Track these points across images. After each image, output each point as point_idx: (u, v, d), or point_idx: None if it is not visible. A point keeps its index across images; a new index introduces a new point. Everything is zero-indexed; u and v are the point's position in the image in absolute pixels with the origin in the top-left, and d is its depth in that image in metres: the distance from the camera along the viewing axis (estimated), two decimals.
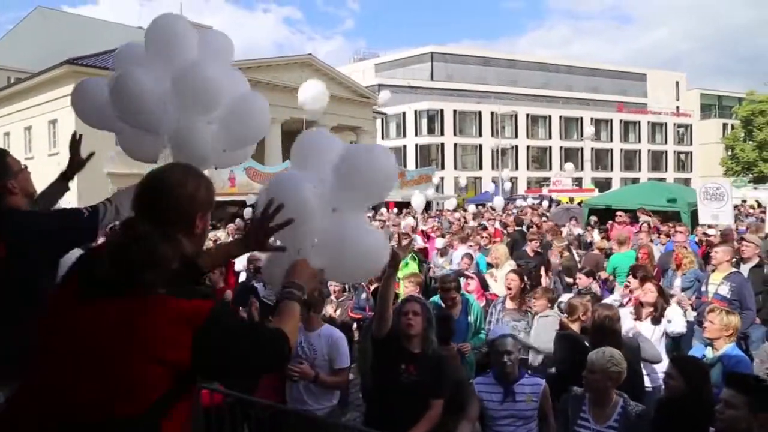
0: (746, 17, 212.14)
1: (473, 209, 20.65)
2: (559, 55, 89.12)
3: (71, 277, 1.58)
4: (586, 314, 4.47)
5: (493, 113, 48.13)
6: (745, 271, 6.10)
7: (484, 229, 12.13)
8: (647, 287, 4.89)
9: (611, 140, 57.77)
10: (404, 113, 51.24)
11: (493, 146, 46.29)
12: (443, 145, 51.07)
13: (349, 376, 4.05)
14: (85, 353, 1.41)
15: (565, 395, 3.37)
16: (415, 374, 3.21)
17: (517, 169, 51.81)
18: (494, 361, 3.60)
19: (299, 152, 2.28)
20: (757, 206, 24.32)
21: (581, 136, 51.92)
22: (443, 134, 51.30)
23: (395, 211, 20.86)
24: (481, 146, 51.88)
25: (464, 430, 3.35)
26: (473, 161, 52.31)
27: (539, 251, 8.89)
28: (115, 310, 1.43)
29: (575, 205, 18.90)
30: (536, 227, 12.25)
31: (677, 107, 64.49)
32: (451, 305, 4.97)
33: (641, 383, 4.10)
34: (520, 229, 12.35)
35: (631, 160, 59.21)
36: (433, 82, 56.49)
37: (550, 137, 55.83)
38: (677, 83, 67.59)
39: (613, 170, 57.57)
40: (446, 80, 56.77)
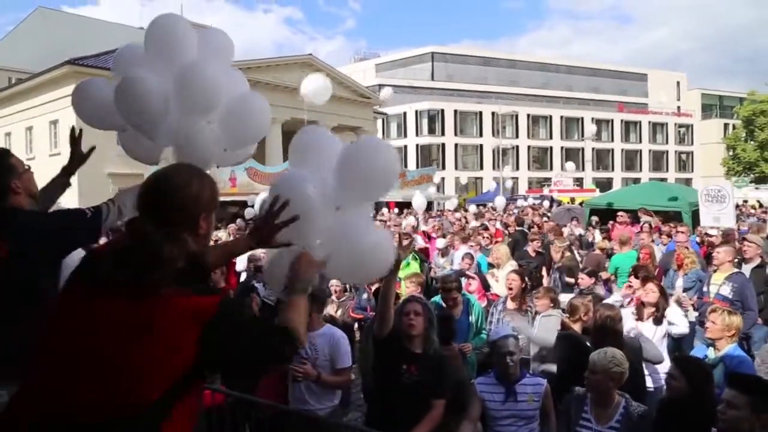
0: (746, 17, 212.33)
1: (474, 209, 20.63)
2: (559, 55, 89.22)
3: (75, 278, 1.58)
4: (587, 314, 4.46)
5: (493, 113, 48.09)
6: (746, 271, 6.09)
7: (485, 229, 12.12)
8: (649, 287, 4.88)
9: (612, 140, 57.71)
10: (405, 113, 51.23)
11: (493, 146, 46.27)
12: (444, 145, 51.06)
13: (351, 375, 4.05)
14: (85, 353, 1.40)
15: (567, 395, 3.36)
16: (416, 374, 3.20)
17: (518, 169, 51.76)
18: (496, 361, 3.60)
19: (297, 150, 2.29)
20: (758, 206, 24.32)
21: (582, 136, 51.89)
22: (444, 134, 51.28)
23: (396, 211, 20.85)
24: (481, 146, 51.87)
25: (466, 430, 3.35)
26: (474, 161, 52.30)
27: (540, 251, 8.90)
28: (117, 309, 1.42)
29: (576, 205, 18.88)
30: (537, 227, 12.24)
31: (678, 107, 64.42)
32: (452, 305, 4.96)
33: (643, 383, 4.08)
34: (521, 229, 12.33)
35: (632, 160, 59.16)
36: (433, 82, 56.46)
37: (551, 137, 55.79)
38: (678, 83, 67.53)
39: (614, 170, 57.51)
40: (447, 80, 56.75)
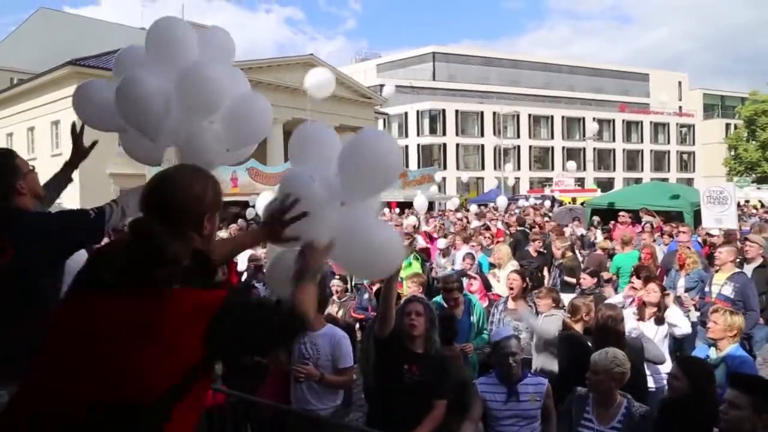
0: (746, 17, 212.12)
1: (475, 209, 20.62)
2: (560, 55, 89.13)
3: (79, 278, 1.58)
4: (589, 314, 4.46)
5: (495, 113, 48.04)
6: (748, 271, 6.08)
7: (486, 229, 12.12)
8: (650, 287, 4.87)
9: (614, 140, 57.64)
10: (406, 113, 51.22)
11: (495, 146, 46.22)
12: (445, 145, 51.04)
13: (353, 375, 4.05)
14: (85, 353, 1.41)
15: (568, 396, 3.36)
16: (417, 374, 3.20)
17: (519, 169, 51.70)
18: (499, 362, 3.59)
19: (297, 147, 2.30)
20: (760, 206, 24.28)
21: (584, 136, 51.84)
22: (445, 134, 51.26)
23: (397, 211, 20.85)
24: (483, 146, 51.84)
25: (467, 430, 3.34)
26: (475, 161, 52.27)
27: (542, 251, 8.90)
28: (119, 309, 1.43)
29: (578, 205, 18.87)
30: (539, 227, 12.24)
31: (680, 107, 64.31)
32: (453, 305, 4.96)
33: (644, 384, 4.08)
34: (522, 229, 12.33)
35: (633, 160, 59.09)
36: (435, 82, 56.44)
37: (552, 137, 55.74)
38: (680, 83, 67.43)
39: (615, 170, 57.44)
40: (448, 80, 56.72)
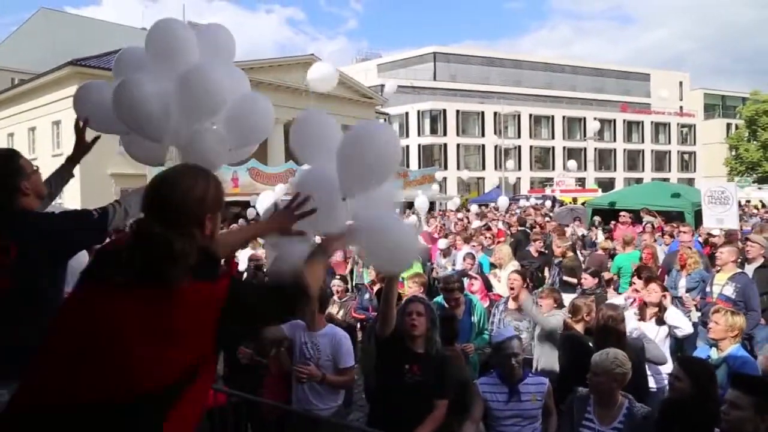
0: (746, 17, 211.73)
1: (476, 209, 20.61)
2: (561, 55, 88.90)
3: (83, 278, 1.58)
4: (590, 315, 4.45)
5: (496, 113, 48.01)
6: (749, 271, 6.07)
7: (487, 229, 12.12)
8: (651, 287, 4.87)
9: (614, 140, 57.57)
10: (407, 113, 51.18)
11: (496, 145, 46.16)
12: (446, 145, 51.00)
13: (354, 375, 4.04)
14: (87, 351, 1.41)
15: (570, 396, 3.35)
16: (418, 374, 3.20)
17: (520, 169, 51.64)
18: (501, 363, 3.58)
19: (299, 141, 2.38)
20: (761, 206, 24.26)
21: (584, 136, 51.78)
22: (446, 134, 51.21)
23: (397, 211, 20.82)
24: (484, 146, 51.80)
25: (468, 430, 3.34)
26: (476, 161, 52.23)
27: (543, 251, 8.89)
28: (124, 307, 1.43)
29: (579, 205, 18.85)
30: (540, 227, 12.23)
31: (681, 107, 64.21)
32: (454, 306, 4.95)
33: (645, 384, 4.07)
34: (523, 229, 12.33)
35: (634, 160, 59.02)
36: (435, 82, 56.36)
37: (553, 137, 55.68)
38: (681, 83, 67.32)
39: (616, 170, 57.36)
40: (449, 80, 56.64)
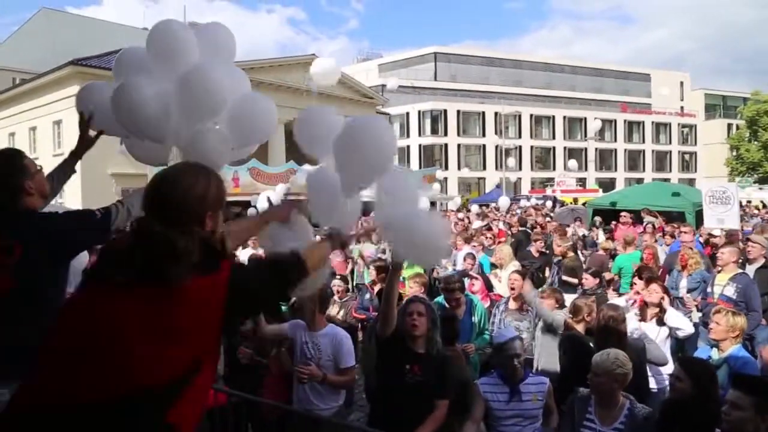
0: (746, 17, 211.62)
1: (476, 209, 20.60)
2: (561, 55, 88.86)
3: (85, 278, 1.59)
4: (590, 315, 4.45)
5: (496, 113, 47.99)
6: (750, 272, 6.06)
7: (488, 229, 12.11)
8: (652, 288, 4.86)
9: (615, 140, 57.53)
10: (408, 113, 51.16)
11: (496, 146, 46.12)
12: (447, 145, 50.98)
13: (355, 375, 4.04)
14: (88, 351, 1.41)
15: (570, 396, 3.35)
16: (419, 374, 3.20)
17: (520, 169, 51.61)
18: (503, 364, 3.58)
19: (305, 139, 2.55)
20: (762, 207, 24.24)
21: (585, 136, 51.74)
22: (447, 134, 51.18)
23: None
24: (484, 146, 51.77)
25: (469, 430, 3.34)
26: (477, 161, 52.21)
27: (544, 252, 8.88)
28: (127, 306, 1.43)
29: (579, 205, 18.85)
30: (540, 227, 12.23)
31: (681, 107, 64.16)
32: (455, 306, 4.95)
33: (646, 385, 4.07)
34: (524, 229, 12.32)
35: (635, 160, 58.98)
36: (436, 82, 56.33)
37: (553, 137, 55.65)
38: (681, 83, 67.26)
39: (617, 170, 57.32)
40: (450, 80, 56.60)
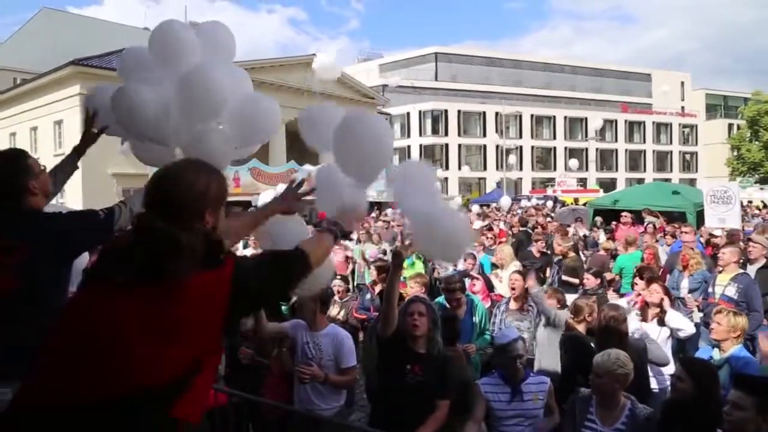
0: (746, 17, 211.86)
1: (477, 209, 20.59)
2: (562, 55, 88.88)
3: (85, 277, 1.59)
4: (591, 315, 4.44)
5: (497, 113, 47.99)
6: (752, 272, 6.04)
7: (489, 229, 12.10)
8: (653, 288, 4.85)
9: (616, 140, 57.50)
10: (408, 114, 51.17)
11: (497, 145, 46.09)
12: (447, 145, 50.97)
13: (356, 375, 4.04)
14: (84, 352, 1.41)
15: (572, 396, 3.35)
16: (420, 375, 3.20)
17: (521, 169, 51.61)
18: (505, 364, 3.58)
19: (312, 139, 2.58)
20: (762, 207, 24.20)
21: (586, 136, 51.73)
22: (447, 135, 51.18)
23: (399, 210, 20.80)
24: (485, 147, 51.76)
25: (470, 430, 3.34)
26: (477, 162, 52.19)
27: (545, 252, 8.88)
28: (128, 306, 1.43)
29: (580, 206, 18.84)
30: (541, 228, 12.22)
31: (682, 107, 64.11)
32: (456, 306, 4.95)
33: (647, 385, 4.06)
34: (525, 229, 12.31)
35: (636, 160, 58.94)
36: (437, 82, 56.30)
37: (554, 138, 55.64)
38: (682, 83, 67.20)
39: (617, 171, 57.28)
40: (450, 81, 56.58)
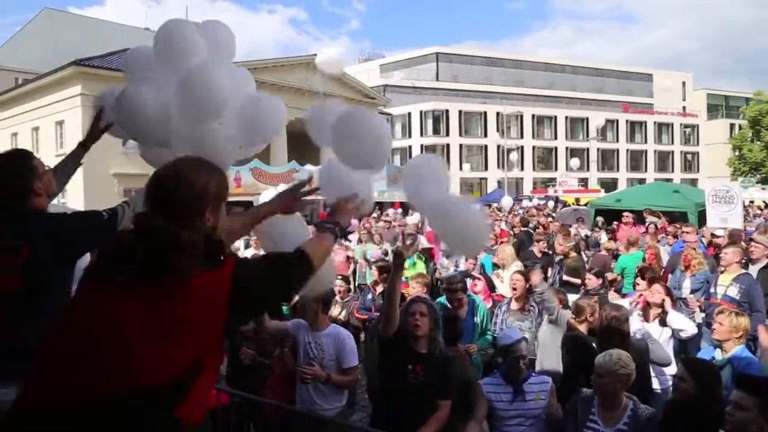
0: (747, 17, 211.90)
1: None
2: (563, 55, 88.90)
3: (84, 278, 1.58)
4: (593, 315, 4.44)
5: (498, 114, 47.97)
6: (753, 272, 6.04)
7: None
8: (655, 288, 4.85)
9: (617, 140, 57.45)
10: (410, 114, 51.17)
11: (499, 146, 46.07)
12: (449, 145, 50.95)
13: (358, 375, 4.04)
14: (84, 352, 1.41)
15: (573, 396, 3.34)
16: (422, 375, 3.19)
17: (522, 169, 51.59)
18: (509, 365, 3.58)
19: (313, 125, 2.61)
20: (764, 207, 24.17)
21: (587, 136, 51.69)
22: (448, 135, 51.17)
23: (400, 211, 20.80)
24: (486, 147, 51.74)
25: (472, 430, 3.33)
26: (479, 162, 52.18)
27: (546, 252, 8.87)
28: (128, 305, 1.43)
29: (582, 206, 18.83)
30: (543, 228, 12.21)
31: (684, 107, 64.05)
32: (457, 306, 4.94)
33: (649, 385, 4.05)
34: (526, 229, 12.31)
35: (637, 160, 58.88)
36: (438, 82, 56.31)
37: (555, 138, 55.61)
38: (684, 83, 67.15)
39: (619, 171, 57.23)
40: (451, 81, 56.58)
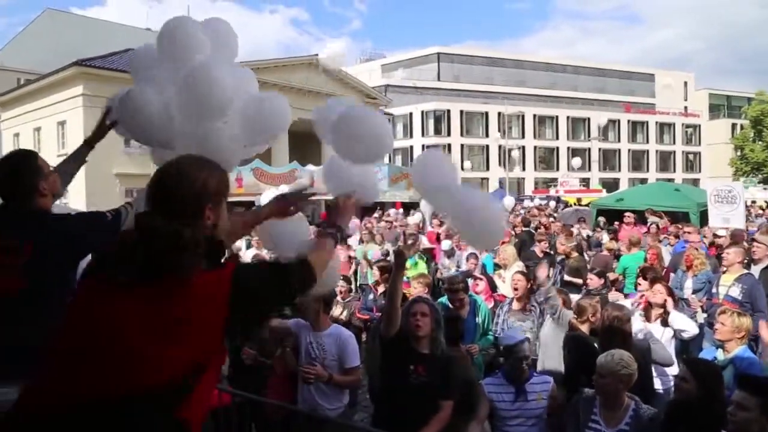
0: (750, 17, 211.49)
1: None
2: (565, 55, 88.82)
3: (84, 278, 1.58)
4: (595, 315, 4.43)
5: (500, 114, 47.95)
6: (756, 272, 6.03)
7: None
8: (656, 288, 4.84)
9: (619, 141, 57.39)
10: (411, 114, 51.17)
11: (500, 146, 46.06)
12: (450, 145, 50.88)
13: (360, 375, 4.03)
14: (85, 352, 1.41)
15: (575, 396, 3.34)
16: (423, 375, 3.19)
17: (524, 169, 51.57)
18: (511, 365, 3.58)
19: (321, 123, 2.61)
20: (766, 207, 24.15)
21: (589, 136, 51.65)
22: (450, 135, 51.17)
23: (401, 211, 20.80)
24: (487, 147, 51.72)
25: (474, 430, 3.33)
26: (480, 162, 52.15)
27: (548, 252, 8.87)
28: (128, 305, 1.43)
29: (583, 206, 18.82)
30: (544, 228, 12.20)
31: (685, 107, 63.98)
32: (459, 306, 4.94)
33: (651, 385, 4.04)
34: (527, 229, 12.29)
35: (639, 160, 58.82)
36: (439, 82, 56.30)
37: (557, 138, 55.57)
38: (685, 83, 67.09)
39: (620, 171, 57.17)
40: (453, 81, 56.57)
